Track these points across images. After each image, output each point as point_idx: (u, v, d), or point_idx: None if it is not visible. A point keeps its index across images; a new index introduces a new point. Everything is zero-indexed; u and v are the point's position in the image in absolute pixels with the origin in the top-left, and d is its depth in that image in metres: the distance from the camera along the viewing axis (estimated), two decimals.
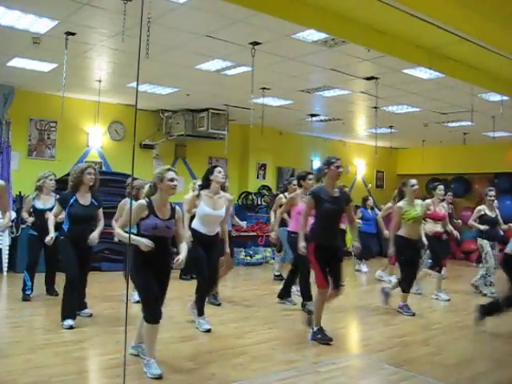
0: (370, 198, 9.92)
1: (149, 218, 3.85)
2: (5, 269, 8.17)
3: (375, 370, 4.18)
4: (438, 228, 7.31)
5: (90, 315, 5.43)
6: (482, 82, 7.01)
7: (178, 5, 5.18)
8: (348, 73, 7.54)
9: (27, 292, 6.31)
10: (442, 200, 7.53)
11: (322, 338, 4.83)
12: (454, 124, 11.06)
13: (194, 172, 11.47)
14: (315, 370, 4.04)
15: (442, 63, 6.38)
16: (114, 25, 5.70)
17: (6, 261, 8.21)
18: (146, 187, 4.07)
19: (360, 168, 14.88)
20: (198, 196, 5.26)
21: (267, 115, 9.25)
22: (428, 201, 7.19)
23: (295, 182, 7.04)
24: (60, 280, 6.01)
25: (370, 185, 15.12)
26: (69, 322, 4.98)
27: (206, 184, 5.30)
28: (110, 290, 6.87)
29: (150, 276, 3.80)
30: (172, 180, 3.93)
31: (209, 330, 5.10)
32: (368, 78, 7.77)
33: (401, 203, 6.27)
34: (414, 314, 6.19)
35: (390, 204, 8.31)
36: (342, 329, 5.68)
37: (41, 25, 5.88)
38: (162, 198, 3.96)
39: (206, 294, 5.39)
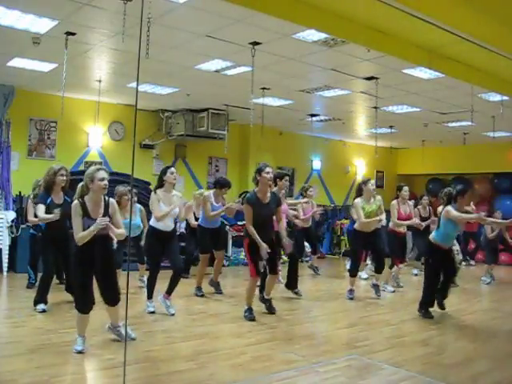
0: None
1: (83, 219, 4.10)
2: (5, 269, 8.16)
3: (375, 370, 4.18)
4: (401, 228, 7.84)
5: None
6: (482, 81, 7.01)
7: (177, 5, 5.18)
8: (348, 73, 7.54)
9: (31, 281, 7.02)
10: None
11: (249, 317, 5.63)
12: (453, 124, 11.06)
13: (194, 172, 11.48)
14: (315, 370, 4.03)
15: (442, 63, 6.38)
16: (113, 25, 5.71)
17: (6, 261, 8.20)
18: (78, 187, 4.23)
19: (360, 168, 14.88)
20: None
21: (267, 115, 9.25)
22: (393, 202, 7.70)
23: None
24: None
25: None
26: (41, 306, 5.64)
27: (160, 184, 5.78)
28: None
29: (85, 271, 4.14)
30: (102, 180, 4.08)
31: (152, 313, 5.71)
32: (368, 78, 7.77)
33: (358, 200, 7.06)
34: (352, 299, 7.06)
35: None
36: (342, 329, 5.67)
37: (41, 25, 5.88)
38: (95, 198, 4.15)
39: (154, 280, 5.80)
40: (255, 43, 6.26)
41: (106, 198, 4.27)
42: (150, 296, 5.84)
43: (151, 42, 4.93)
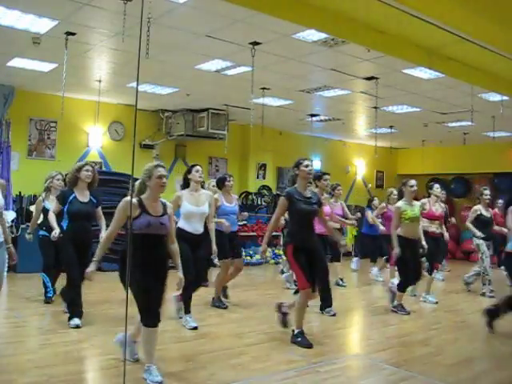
0: (375, 198, 9.90)
1: (141, 216, 3.69)
2: (5, 269, 8.15)
3: (375, 369, 4.18)
4: (433, 228, 7.14)
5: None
6: (482, 82, 7.00)
7: (177, 5, 5.18)
8: (348, 73, 7.54)
9: (49, 294, 6.24)
10: (440, 199, 7.43)
11: (302, 342, 4.68)
12: (453, 124, 11.06)
13: None
14: (315, 370, 4.03)
15: (442, 63, 6.37)
16: (113, 25, 5.70)
17: (6, 261, 8.19)
18: (137, 184, 3.88)
19: (360, 168, 14.88)
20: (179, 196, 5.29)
21: (267, 115, 9.25)
22: (424, 200, 7.08)
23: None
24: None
25: (369, 185, 15.13)
26: (75, 321, 5.01)
27: (186, 184, 5.39)
28: (110, 290, 6.86)
29: (146, 277, 3.63)
30: (160, 177, 3.79)
31: (195, 328, 5.11)
32: (368, 78, 7.77)
33: (399, 203, 6.27)
34: (408, 313, 6.18)
35: (383, 204, 8.50)
36: (342, 329, 5.67)
37: (41, 25, 5.88)
38: (153, 196, 3.82)
39: (191, 292, 5.33)
40: (255, 43, 6.26)
41: (163, 200, 3.95)
42: (187, 310, 5.28)
43: (151, 42, 4.94)
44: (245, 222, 10.84)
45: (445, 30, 5.22)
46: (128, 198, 3.71)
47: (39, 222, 6.38)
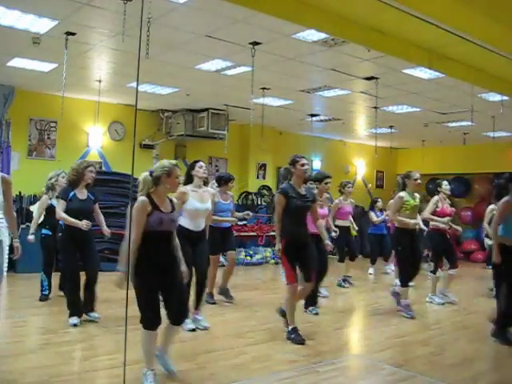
0: (379, 199, 9.92)
1: (153, 213, 3.61)
2: (5, 269, 8.14)
3: (375, 370, 4.18)
4: (446, 226, 6.94)
5: (98, 319, 5.33)
6: (482, 81, 7.01)
7: (178, 5, 5.18)
8: (348, 73, 7.54)
9: (44, 292, 6.34)
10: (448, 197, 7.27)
11: (295, 339, 4.77)
12: (453, 124, 11.06)
13: None
14: (315, 370, 4.03)
15: (442, 63, 6.37)
16: (114, 25, 5.71)
17: (6, 261, 8.19)
18: (142, 180, 3.73)
19: (360, 168, 14.88)
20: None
21: (267, 115, 9.25)
22: (435, 197, 6.94)
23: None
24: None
25: (370, 185, 15.13)
26: (73, 320, 5.06)
27: (189, 180, 5.21)
28: (110, 290, 6.84)
29: (152, 278, 3.56)
30: (178, 177, 3.77)
31: (193, 330, 5.05)
32: (368, 78, 7.77)
33: (402, 193, 6.16)
34: (412, 317, 6.01)
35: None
36: (342, 329, 5.68)
37: (41, 25, 5.88)
38: (164, 193, 3.75)
39: (203, 290, 5.27)
40: (255, 43, 6.26)
41: (169, 197, 3.89)
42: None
43: (151, 41, 4.93)
44: (245, 222, 10.85)
45: (445, 30, 5.22)
46: (142, 197, 3.63)
47: (40, 221, 6.39)
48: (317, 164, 13.94)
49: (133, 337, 4.11)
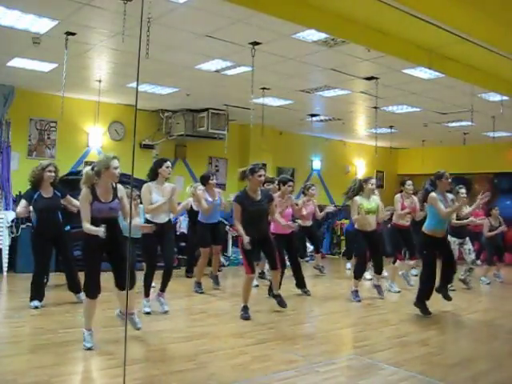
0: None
1: (93, 203, 4.22)
2: (5, 269, 8.16)
3: (375, 369, 4.18)
4: (404, 221, 7.77)
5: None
6: (482, 81, 7.01)
7: (177, 5, 5.18)
8: (348, 73, 7.55)
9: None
10: (414, 194, 7.83)
11: (243, 316, 5.63)
12: (453, 124, 11.07)
13: (194, 172, 11.47)
14: (315, 370, 4.03)
15: (442, 63, 6.38)
16: (114, 25, 5.71)
17: (6, 261, 8.20)
18: (85, 173, 4.28)
19: (360, 168, 14.88)
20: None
21: (267, 115, 9.25)
22: (397, 195, 7.70)
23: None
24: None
25: None
26: (35, 302, 5.70)
27: (153, 176, 5.73)
28: (109, 290, 6.85)
29: (95, 256, 4.27)
30: (116, 168, 4.26)
31: (148, 313, 5.57)
32: (368, 78, 7.77)
33: (357, 197, 6.98)
34: (359, 301, 6.83)
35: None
36: (342, 329, 5.68)
37: (41, 25, 5.88)
38: (105, 184, 4.29)
39: (151, 277, 5.75)
40: (255, 43, 6.26)
41: (114, 184, 4.42)
42: (146, 293, 5.73)
43: (151, 42, 4.93)
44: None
45: (445, 30, 5.23)
46: (84, 189, 4.24)
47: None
48: (317, 164, 13.94)
49: (133, 336, 4.13)
